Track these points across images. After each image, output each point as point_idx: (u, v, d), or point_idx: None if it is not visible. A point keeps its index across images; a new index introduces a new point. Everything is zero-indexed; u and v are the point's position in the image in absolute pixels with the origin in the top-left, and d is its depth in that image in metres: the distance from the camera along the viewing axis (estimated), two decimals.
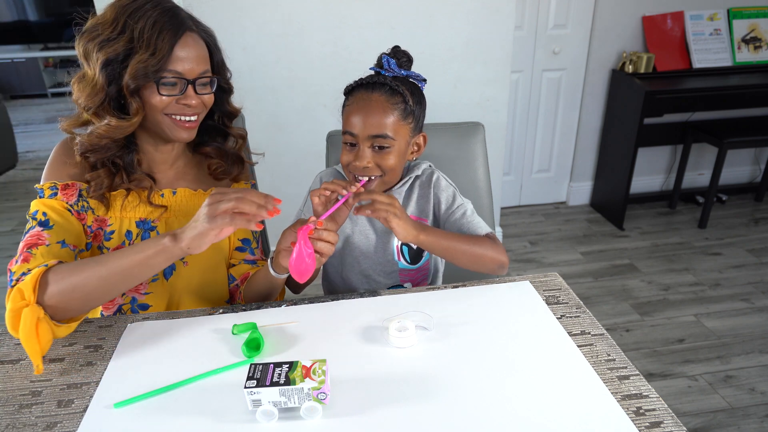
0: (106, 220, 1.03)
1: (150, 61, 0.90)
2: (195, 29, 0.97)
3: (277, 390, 0.72)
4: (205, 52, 0.99)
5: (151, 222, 1.05)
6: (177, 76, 0.94)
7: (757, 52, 2.82)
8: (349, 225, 1.15)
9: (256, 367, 0.75)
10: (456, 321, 0.94)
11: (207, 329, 0.94)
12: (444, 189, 1.14)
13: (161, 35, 0.91)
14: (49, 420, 0.76)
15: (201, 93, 0.99)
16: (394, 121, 1.00)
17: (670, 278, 2.48)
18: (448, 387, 0.79)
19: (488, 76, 2.27)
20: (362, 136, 1.01)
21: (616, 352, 0.86)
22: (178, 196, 1.08)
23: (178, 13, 0.96)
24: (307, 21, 2.07)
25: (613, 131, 2.90)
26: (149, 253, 0.86)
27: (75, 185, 1.00)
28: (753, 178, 3.29)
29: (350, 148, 1.04)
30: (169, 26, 0.92)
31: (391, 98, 1.01)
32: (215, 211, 0.83)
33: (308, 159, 2.29)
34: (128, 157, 1.02)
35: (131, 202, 1.04)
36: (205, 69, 0.98)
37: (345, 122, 1.04)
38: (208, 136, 1.12)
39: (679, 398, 1.81)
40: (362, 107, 1.00)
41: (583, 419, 0.73)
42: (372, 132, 1.00)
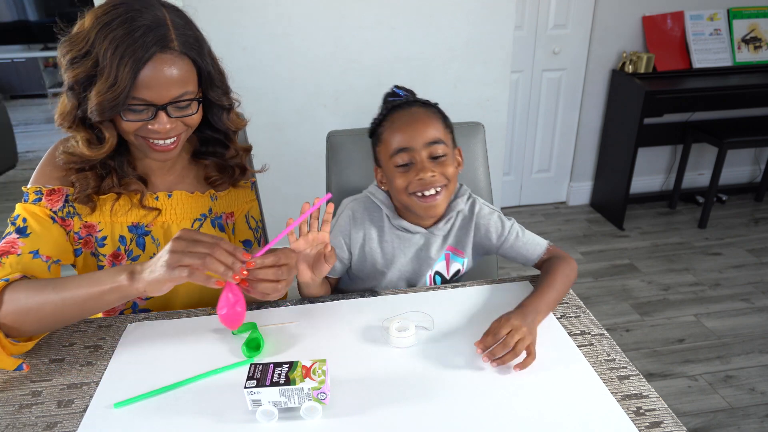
0: (95, 225, 0.99)
1: (109, 94, 0.81)
2: (173, 47, 0.84)
3: (277, 390, 0.72)
4: (184, 72, 0.86)
5: (144, 226, 1.01)
6: (143, 103, 0.85)
7: (757, 52, 2.82)
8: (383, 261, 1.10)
9: (256, 367, 0.75)
10: (456, 321, 0.94)
11: (207, 329, 0.94)
12: (488, 216, 1.10)
13: (122, 62, 0.80)
14: (49, 420, 0.76)
15: (177, 116, 0.89)
16: (441, 129, 1.01)
17: (670, 278, 2.48)
18: (448, 387, 0.79)
19: (488, 76, 2.26)
20: (419, 147, 0.98)
21: (616, 352, 0.86)
22: (174, 199, 1.03)
23: (153, 29, 0.82)
24: (307, 21, 2.07)
25: (613, 131, 2.90)
26: (104, 288, 0.80)
27: (61, 190, 0.96)
28: (753, 178, 3.29)
29: (405, 169, 0.99)
30: (134, 51, 0.80)
31: (429, 109, 1.02)
32: (177, 262, 0.76)
33: (308, 159, 2.29)
34: (120, 160, 0.97)
35: (122, 206, 0.99)
36: (183, 91, 0.87)
37: (393, 143, 1.00)
38: (209, 145, 1.06)
39: (679, 398, 1.81)
40: (409, 121, 1.00)
41: (583, 419, 0.73)
42: (428, 139, 0.98)
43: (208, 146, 1.05)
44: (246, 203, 1.14)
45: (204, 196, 1.06)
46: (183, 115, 0.90)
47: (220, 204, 1.09)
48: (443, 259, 1.11)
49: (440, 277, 1.13)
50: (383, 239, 1.09)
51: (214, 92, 0.95)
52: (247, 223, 1.14)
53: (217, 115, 1.00)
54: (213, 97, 0.95)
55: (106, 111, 0.83)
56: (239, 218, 1.13)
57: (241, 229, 1.13)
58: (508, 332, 0.84)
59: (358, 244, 1.10)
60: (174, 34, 0.85)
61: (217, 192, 1.08)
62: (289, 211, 2.60)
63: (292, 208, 2.35)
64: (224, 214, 1.10)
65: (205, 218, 1.07)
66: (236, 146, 1.07)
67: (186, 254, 0.76)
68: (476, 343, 0.84)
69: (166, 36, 0.83)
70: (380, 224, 1.09)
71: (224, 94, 0.97)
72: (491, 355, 0.82)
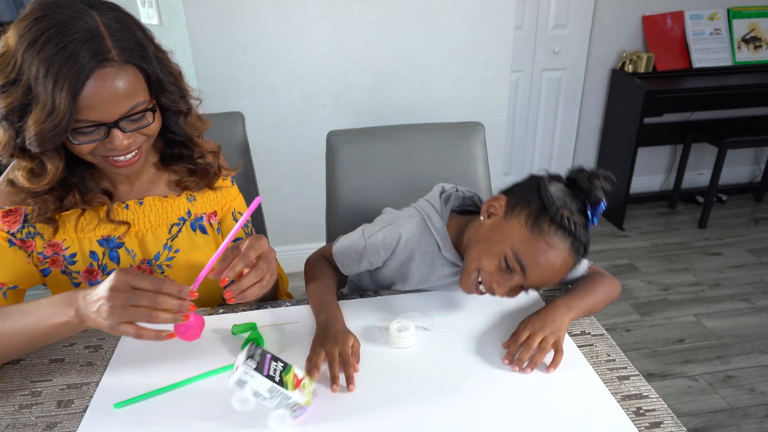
0: (60, 243, 0.92)
1: (48, 123, 0.73)
2: (111, 58, 0.74)
3: (268, 385, 0.68)
4: (130, 83, 0.77)
5: (116, 239, 0.95)
6: (91, 124, 0.77)
7: (757, 51, 2.82)
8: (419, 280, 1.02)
9: (255, 349, 0.71)
10: (456, 321, 0.94)
11: (207, 329, 0.93)
12: None
13: (58, 86, 0.71)
14: (49, 420, 0.76)
15: (133, 129, 0.82)
16: (564, 276, 0.89)
17: (670, 278, 2.48)
18: (448, 387, 0.79)
19: (488, 76, 2.26)
20: (526, 285, 0.87)
21: (616, 353, 0.86)
22: (146, 206, 0.96)
23: (85, 43, 0.72)
24: (307, 21, 2.07)
25: (613, 131, 2.90)
26: (52, 324, 0.76)
27: (19, 210, 0.89)
28: (753, 178, 3.29)
29: (506, 271, 0.86)
30: (68, 71, 0.71)
31: (573, 260, 0.86)
32: (119, 320, 0.70)
33: (308, 159, 2.29)
34: (81, 175, 0.90)
35: (89, 221, 0.92)
36: (133, 104, 0.79)
37: (527, 252, 0.84)
38: (175, 147, 0.98)
39: (679, 398, 1.81)
40: (551, 268, 0.84)
41: (583, 419, 0.73)
42: (537, 286, 0.89)
43: (174, 149, 0.98)
44: (229, 201, 1.08)
45: (179, 198, 1.00)
46: (138, 127, 0.82)
47: (200, 204, 1.03)
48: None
49: None
50: (425, 263, 1.00)
51: (168, 97, 0.85)
52: (235, 220, 1.08)
53: (174, 120, 0.91)
54: (166, 103, 0.86)
55: (47, 141, 0.75)
56: (226, 217, 1.08)
57: (229, 228, 1.07)
58: (527, 336, 0.84)
59: (398, 262, 1.02)
60: (111, 42, 0.75)
61: (194, 193, 1.02)
62: (290, 211, 2.58)
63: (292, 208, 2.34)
64: (205, 214, 1.04)
65: (184, 222, 1.01)
66: (202, 149, 0.99)
67: (127, 310, 0.69)
68: (504, 358, 0.84)
69: (102, 47, 0.74)
70: (428, 249, 1.00)
71: (180, 97, 0.88)
72: (519, 362, 0.82)
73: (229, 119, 1.32)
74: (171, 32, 2.07)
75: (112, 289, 0.70)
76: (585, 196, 0.84)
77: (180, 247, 1.01)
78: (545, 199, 0.85)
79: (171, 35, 2.08)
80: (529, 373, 0.81)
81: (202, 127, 0.96)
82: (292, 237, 2.44)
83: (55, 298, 0.78)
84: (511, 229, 0.86)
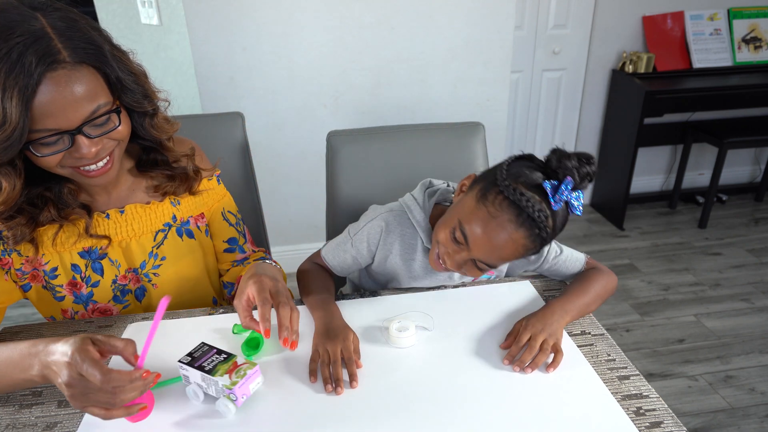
0: (39, 258, 0.89)
1: (1, 135, 0.68)
2: (62, 59, 0.69)
3: (200, 374, 0.74)
4: (87, 84, 0.72)
5: (98, 250, 0.91)
6: (52, 132, 0.72)
7: (757, 52, 2.82)
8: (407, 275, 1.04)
9: (203, 346, 0.78)
10: (456, 321, 0.94)
11: (207, 329, 0.94)
12: None
13: (7, 95, 0.66)
14: (49, 420, 0.76)
15: (99, 135, 0.76)
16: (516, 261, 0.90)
17: (670, 278, 2.48)
18: (448, 387, 0.79)
19: (488, 76, 2.27)
20: (475, 256, 0.86)
21: (616, 352, 0.86)
22: (128, 214, 0.93)
23: (30, 46, 0.67)
24: (307, 21, 2.07)
25: (613, 131, 2.90)
26: (17, 380, 0.71)
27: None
28: (753, 178, 3.29)
29: (455, 243, 0.87)
30: (16, 77, 0.66)
31: (531, 243, 0.83)
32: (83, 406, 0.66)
33: (308, 159, 2.29)
34: (58, 189, 0.85)
35: (67, 236, 0.88)
36: (94, 107, 0.74)
37: (469, 221, 0.84)
38: (150, 153, 0.94)
39: (679, 398, 1.81)
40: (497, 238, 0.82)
41: (583, 419, 0.73)
42: (489, 262, 0.87)
43: (150, 155, 0.93)
44: (217, 200, 1.05)
45: (163, 204, 0.96)
46: (105, 131, 0.77)
47: (186, 207, 1.00)
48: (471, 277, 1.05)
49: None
50: (411, 258, 1.02)
51: (129, 97, 0.80)
52: (226, 220, 1.06)
53: (140, 123, 0.85)
54: (130, 104, 0.81)
55: (7, 150, 0.69)
56: (215, 217, 1.05)
57: (220, 229, 1.06)
58: (528, 338, 0.84)
59: (383, 255, 1.03)
60: (60, 43, 0.70)
61: (177, 197, 0.98)
62: (289, 211, 2.59)
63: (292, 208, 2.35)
64: (192, 217, 1.01)
65: (170, 227, 0.98)
66: (175, 153, 0.94)
67: (87, 397, 0.65)
68: (504, 359, 0.84)
69: (50, 49, 0.68)
70: (411, 242, 1.01)
71: (144, 97, 0.82)
72: (521, 363, 0.82)
73: (229, 119, 1.31)
74: (171, 32, 2.07)
75: (69, 382, 0.64)
76: (552, 174, 0.82)
77: (166, 255, 0.98)
78: (498, 171, 0.84)
79: (171, 35, 2.08)
80: (529, 373, 0.82)
81: (170, 130, 0.91)
82: (292, 237, 2.44)
83: (16, 349, 0.71)
84: (465, 201, 0.88)
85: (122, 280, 0.97)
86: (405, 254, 1.02)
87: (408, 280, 1.05)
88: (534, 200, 0.80)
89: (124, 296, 0.98)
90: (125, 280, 0.97)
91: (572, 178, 0.79)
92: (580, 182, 0.80)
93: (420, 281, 1.04)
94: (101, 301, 0.96)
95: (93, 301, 0.96)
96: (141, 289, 1.00)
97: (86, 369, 0.63)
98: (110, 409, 0.66)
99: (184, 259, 1.01)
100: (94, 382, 0.63)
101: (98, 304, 0.97)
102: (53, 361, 0.66)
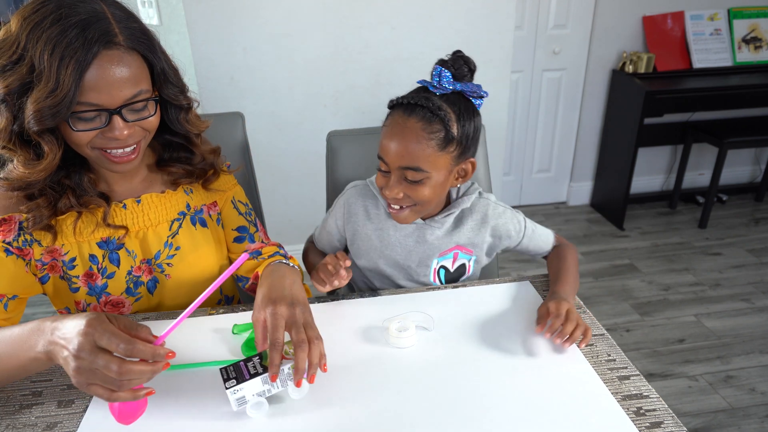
0: (59, 249, 0.90)
1: (50, 99, 0.72)
2: (118, 42, 0.75)
3: (259, 380, 0.73)
4: (135, 69, 0.78)
5: (116, 240, 0.93)
6: (93, 108, 0.76)
7: (757, 52, 2.81)
8: (380, 245, 1.09)
9: (227, 369, 0.75)
10: (456, 321, 0.94)
11: (207, 329, 0.94)
12: (503, 216, 1.08)
13: (63, 63, 0.71)
14: (49, 420, 0.76)
15: (134, 120, 0.81)
16: (430, 153, 0.90)
17: (671, 278, 2.48)
18: (448, 387, 0.79)
19: (488, 76, 2.26)
20: (393, 166, 0.93)
21: (616, 352, 0.86)
22: (144, 204, 0.95)
23: (92, 24, 0.73)
24: (307, 21, 2.07)
25: (613, 131, 2.90)
26: (22, 360, 0.71)
27: (12, 218, 0.86)
28: (753, 178, 3.29)
29: (383, 173, 0.97)
30: (75, 49, 0.71)
31: (430, 125, 0.89)
32: (86, 382, 0.65)
33: (308, 159, 2.29)
34: (78, 177, 0.88)
35: (86, 224, 0.90)
36: (136, 91, 0.79)
37: (380, 144, 0.95)
38: (173, 151, 0.97)
39: (680, 398, 1.81)
40: (396, 133, 0.91)
41: (583, 419, 0.73)
42: (403, 163, 0.92)
43: (172, 152, 0.97)
44: (228, 189, 1.07)
45: (177, 193, 0.99)
46: (139, 118, 0.82)
47: (198, 196, 1.02)
48: (451, 257, 1.10)
49: (444, 270, 1.12)
50: (379, 226, 1.09)
51: (170, 90, 0.86)
52: (235, 209, 1.08)
53: (174, 116, 0.91)
54: (169, 96, 0.87)
55: (47, 118, 0.74)
56: (226, 206, 1.07)
57: (230, 217, 1.07)
58: (566, 310, 0.89)
59: (351, 228, 1.11)
60: (117, 27, 0.76)
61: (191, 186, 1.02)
62: (289, 211, 2.59)
63: (292, 208, 2.35)
64: (205, 206, 1.03)
65: (184, 216, 1.00)
66: (201, 150, 0.99)
67: (94, 373, 0.64)
68: (538, 329, 0.88)
69: (108, 30, 0.74)
70: (376, 211, 1.09)
71: (181, 92, 0.89)
72: (563, 334, 0.85)
73: (229, 119, 1.32)
74: (171, 32, 2.07)
75: (79, 351, 0.64)
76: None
77: (181, 245, 0.99)
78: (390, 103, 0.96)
79: (171, 35, 2.08)
80: (567, 347, 0.86)
81: (201, 126, 0.96)
82: (292, 237, 2.44)
83: (26, 328, 0.72)
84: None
85: (137, 271, 0.98)
86: (372, 222, 1.09)
87: (382, 250, 1.09)
88: (411, 94, 0.93)
89: (137, 288, 0.99)
90: (139, 271, 0.98)
91: (443, 66, 0.91)
92: (456, 71, 0.92)
93: (397, 250, 1.08)
94: (114, 293, 0.97)
95: (106, 293, 0.96)
96: (153, 281, 1.00)
97: (107, 338, 0.64)
98: (116, 390, 0.65)
99: (198, 249, 1.01)
100: (110, 344, 0.64)
101: (111, 296, 0.97)
102: (61, 336, 0.66)
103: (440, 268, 1.11)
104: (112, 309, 0.98)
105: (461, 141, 0.93)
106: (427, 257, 1.09)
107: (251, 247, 0.77)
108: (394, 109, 0.94)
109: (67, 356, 0.65)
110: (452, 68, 0.91)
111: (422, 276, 1.11)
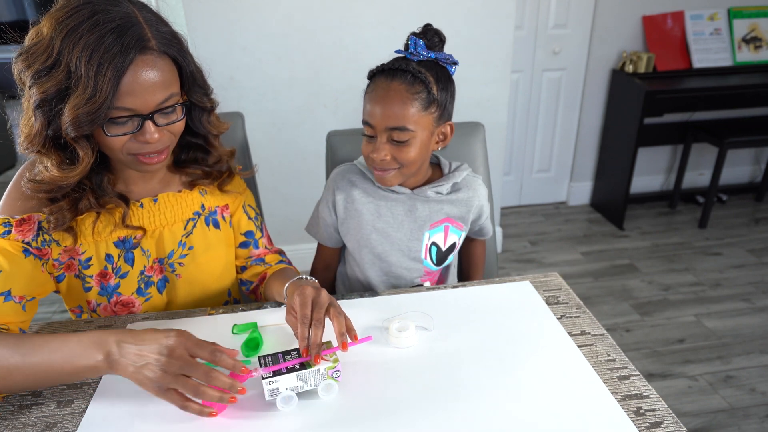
0: (77, 248, 0.92)
1: (89, 106, 0.73)
2: (151, 47, 0.77)
3: (294, 375, 0.74)
4: (167, 73, 0.80)
5: (132, 239, 0.94)
6: (128, 114, 0.78)
7: (757, 51, 2.82)
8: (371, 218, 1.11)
9: (266, 358, 0.77)
10: (456, 321, 0.94)
11: (207, 329, 0.94)
12: (486, 199, 1.17)
13: (101, 69, 0.72)
14: (49, 420, 0.76)
15: (164, 124, 0.83)
16: (414, 112, 0.96)
17: (671, 278, 2.48)
18: (448, 387, 0.79)
19: (488, 76, 2.27)
20: (379, 128, 0.97)
21: (616, 353, 0.86)
22: (161, 203, 0.97)
23: (127, 30, 0.74)
24: (307, 21, 2.07)
25: (613, 131, 2.90)
26: (79, 366, 0.71)
27: (32, 218, 0.87)
28: (753, 178, 3.29)
29: (369, 139, 1.00)
30: (112, 55, 0.72)
31: (412, 87, 0.96)
32: (167, 385, 0.68)
33: (308, 159, 2.29)
34: (98, 178, 0.89)
35: (105, 225, 0.92)
36: (168, 95, 0.80)
37: (364, 111, 1.00)
38: (190, 152, 0.99)
39: (680, 398, 1.81)
40: (381, 97, 0.96)
41: (583, 419, 0.73)
42: (389, 124, 0.96)
43: (189, 153, 0.99)
44: (240, 192, 1.09)
45: (192, 193, 1.01)
46: (169, 122, 0.83)
47: (213, 197, 1.04)
48: (442, 230, 1.12)
49: (436, 248, 1.14)
50: (369, 199, 1.11)
51: (197, 93, 0.89)
52: (246, 213, 1.10)
53: (198, 118, 0.93)
54: (196, 99, 0.89)
55: (84, 125, 0.75)
56: (237, 209, 1.09)
57: (241, 222, 1.09)
58: None
59: (342, 205, 1.12)
60: (150, 32, 0.77)
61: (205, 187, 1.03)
62: (290, 211, 2.58)
63: (292, 208, 2.35)
64: (218, 207, 1.05)
65: (199, 216, 1.02)
66: (218, 151, 1.00)
67: (178, 378, 0.68)
68: None
69: (142, 35, 0.76)
70: (364, 186, 1.11)
71: (205, 94, 0.91)
72: None
73: (229, 119, 1.30)
74: None
75: (170, 354, 0.68)
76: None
77: (194, 244, 1.00)
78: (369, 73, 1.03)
79: None
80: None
81: (221, 127, 0.98)
82: (292, 237, 2.43)
83: (84, 337, 0.73)
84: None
85: (149, 271, 0.98)
86: (361, 196, 1.11)
87: (374, 224, 1.10)
88: (391, 61, 1.00)
89: (147, 288, 0.99)
90: (151, 271, 0.98)
91: (416, 37, 0.98)
92: (428, 41, 0.99)
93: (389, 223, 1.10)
94: (125, 293, 0.97)
95: (117, 293, 0.97)
96: (163, 281, 1.00)
97: (195, 341, 0.70)
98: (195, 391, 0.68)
99: (209, 250, 1.02)
100: (202, 352, 0.70)
101: (122, 296, 0.97)
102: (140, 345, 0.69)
103: (432, 245, 1.13)
104: (123, 309, 0.99)
105: (441, 103, 1.00)
106: (419, 228, 1.11)
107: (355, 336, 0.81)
108: (375, 77, 1.00)
109: (149, 363, 0.68)
110: (425, 38, 0.99)
111: (414, 251, 1.12)
